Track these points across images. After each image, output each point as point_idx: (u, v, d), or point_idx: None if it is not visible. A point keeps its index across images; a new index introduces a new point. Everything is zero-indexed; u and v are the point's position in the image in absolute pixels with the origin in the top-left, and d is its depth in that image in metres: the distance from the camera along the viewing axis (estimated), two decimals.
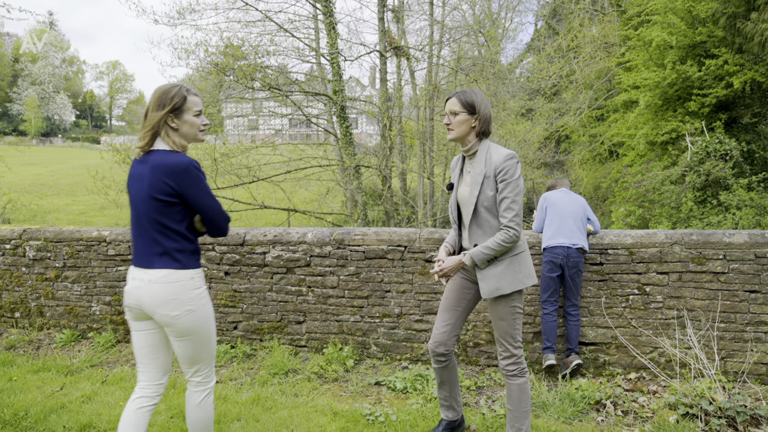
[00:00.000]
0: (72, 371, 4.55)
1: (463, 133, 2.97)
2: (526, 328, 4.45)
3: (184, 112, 2.54)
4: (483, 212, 2.90)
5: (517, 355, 2.99)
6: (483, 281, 2.93)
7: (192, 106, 2.56)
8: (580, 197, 4.55)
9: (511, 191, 2.83)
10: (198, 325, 2.57)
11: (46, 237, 5.37)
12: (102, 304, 5.26)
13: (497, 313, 2.97)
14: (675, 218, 11.63)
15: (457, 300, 3.14)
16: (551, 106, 19.81)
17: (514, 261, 2.91)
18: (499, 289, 2.88)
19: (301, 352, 4.85)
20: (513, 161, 2.87)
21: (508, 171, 2.84)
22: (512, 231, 2.82)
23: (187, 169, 2.45)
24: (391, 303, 4.67)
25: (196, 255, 2.61)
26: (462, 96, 2.94)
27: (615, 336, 4.28)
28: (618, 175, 17.36)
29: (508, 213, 2.83)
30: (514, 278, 2.90)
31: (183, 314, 2.51)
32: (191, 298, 2.53)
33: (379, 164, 12.53)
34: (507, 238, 2.83)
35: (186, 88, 2.58)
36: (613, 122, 18.69)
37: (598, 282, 4.31)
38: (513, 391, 3.01)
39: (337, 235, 4.77)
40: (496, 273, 2.89)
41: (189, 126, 2.57)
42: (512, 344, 2.98)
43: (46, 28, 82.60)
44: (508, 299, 2.93)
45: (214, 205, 2.56)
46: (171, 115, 2.52)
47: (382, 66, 13.45)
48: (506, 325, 2.97)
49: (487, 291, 2.92)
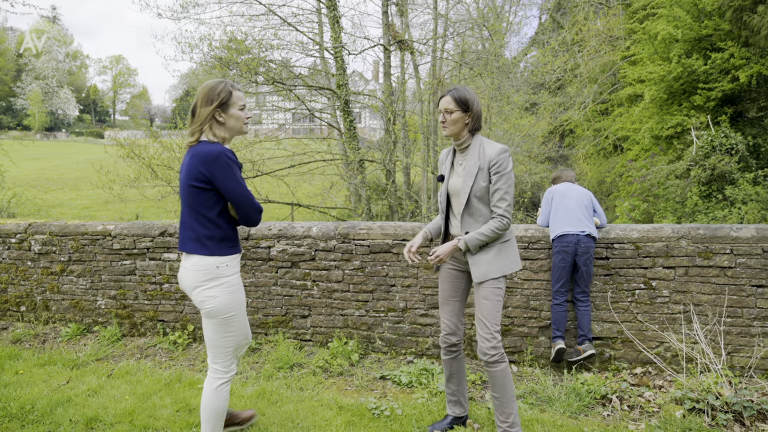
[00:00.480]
0: (78, 365, 4.56)
1: (458, 130, 3.10)
2: (531, 322, 4.44)
3: (230, 107, 2.70)
4: (475, 202, 3.04)
5: (498, 338, 3.06)
6: (474, 266, 3.06)
7: (237, 101, 2.71)
8: (585, 189, 4.54)
9: (504, 183, 2.98)
10: (219, 312, 2.69)
11: (52, 231, 5.38)
12: (107, 298, 5.27)
13: (483, 294, 3.07)
14: (680, 213, 11.58)
15: (452, 290, 3.30)
16: (555, 100, 19.74)
17: (503, 248, 3.08)
18: (490, 273, 3.03)
19: (306, 346, 4.85)
20: (506, 155, 3.02)
21: (501, 164, 2.99)
22: (506, 220, 2.98)
23: (218, 156, 2.57)
24: (396, 297, 4.66)
25: (227, 243, 2.71)
26: (456, 94, 3.07)
27: (621, 330, 4.27)
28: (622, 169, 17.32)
29: (502, 203, 2.98)
30: (503, 263, 3.06)
31: (207, 300, 2.67)
32: (217, 285, 2.67)
33: (382, 158, 12.50)
34: (500, 225, 2.98)
35: (230, 84, 2.72)
36: (618, 116, 18.63)
37: (604, 276, 4.30)
38: (497, 378, 3.06)
39: (342, 229, 4.77)
40: (486, 258, 3.04)
41: (235, 119, 2.72)
42: (494, 325, 3.06)
43: (49, 21, 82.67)
44: (495, 282, 3.05)
45: (243, 193, 2.63)
46: (218, 109, 2.67)
47: (385, 60, 13.41)
48: (491, 305, 3.06)
49: (478, 275, 3.05)
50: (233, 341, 2.81)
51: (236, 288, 2.75)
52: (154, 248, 5.12)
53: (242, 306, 2.81)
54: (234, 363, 2.86)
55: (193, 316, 5.08)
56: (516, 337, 4.46)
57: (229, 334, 2.78)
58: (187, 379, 4.18)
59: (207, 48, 12.60)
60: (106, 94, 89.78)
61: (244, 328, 2.86)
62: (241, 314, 2.81)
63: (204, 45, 12.56)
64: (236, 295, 2.74)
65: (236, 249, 2.78)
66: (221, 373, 2.82)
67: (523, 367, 4.41)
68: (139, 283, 5.17)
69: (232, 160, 2.62)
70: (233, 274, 2.73)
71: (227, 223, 2.71)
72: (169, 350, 4.90)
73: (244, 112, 2.77)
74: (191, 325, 5.07)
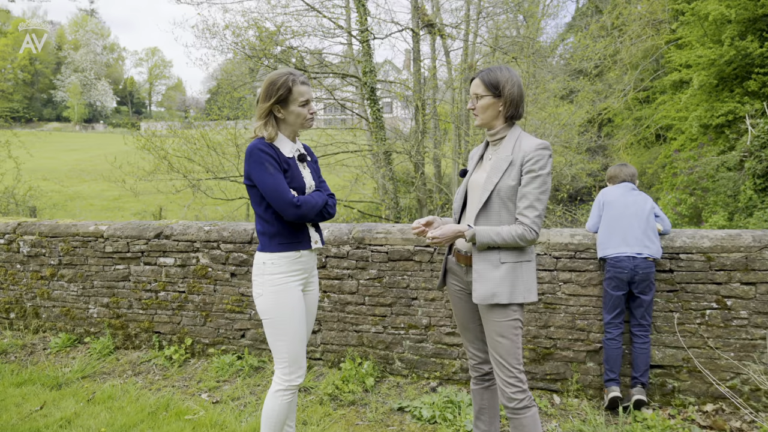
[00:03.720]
0: (60, 384, 4.06)
1: (489, 118, 2.52)
2: (577, 345, 3.75)
3: (290, 103, 2.55)
4: (496, 203, 2.43)
5: (522, 379, 2.45)
6: (478, 282, 2.43)
7: (298, 96, 2.55)
8: (645, 195, 3.73)
9: (537, 187, 2.37)
10: (264, 311, 2.58)
11: (41, 231, 4.90)
12: (100, 306, 4.78)
13: (496, 328, 2.44)
14: (732, 208, 10.81)
15: (465, 314, 2.70)
16: (593, 87, 18.75)
17: (518, 268, 2.42)
18: (496, 296, 2.39)
19: (316, 366, 4.27)
20: (545, 152, 2.41)
21: (538, 161, 2.38)
22: (533, 232, 2.36)
23: (251, 150, 2.50)
24: (419, 312, 4.03)
25: (278, 239, 2.58)
26: (486, 76, 2.49)
27: (687, 358, 3.56)
28: (666, 160, 16.53)
29: (530, 212, 2.36)
30: (513, 287, 2.41)
31: (256, 296, 2.60)
32: (261, 282, 2.57)
33: (409, 149, 11.81)
34: (524, 235, 2.36)
35: (293, 78, 2.54)
36: (661, 104, 17.72)
37: (668, 293, 3.58)
38: (527, 427, 2.44)
39: (356, 233, 4.15)
40: (495, 276, 2.40)
41: (295, 116, 2.58)
42: (516, 366, 2.44)
43: (87, 15, 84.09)
44: (506, 310, 2.42)
45: (273, 186, 2.48)
46: (277, 105, 2.55)
47: (414, 45, 12.67)
48: (509, 344, 2.43)
49: (481, 295, 2.41)
50: (285, 348, 2.58)
51: (281, 289, 2.56)
52: (149, 252, 4.59)
53: (291, 311, 2.58)
54: (296, 374, 2.61)
55: (192, 328, 4.54)
56: (558, 362, 3.79)
57: (280, 339, 2.58)
58: (175, 408, 3.63)
59: (230, 35, 12.10)
60: (142, 86, 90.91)
61: (297, 336, 2.60)
62: (291, 319, 2.58)
63: (228, 33, 12.05)
64: (280, 296, 2.56)
65: (289, 247, 2.59)
66: (280, 380, 2.60)
67: (567, 399, 3.74)
68: (133, 291, 4.66)
69: (266, 153, 2.49)
70: (278, 273, 2.56)
71: (277, 220, 2.57)
72: (164, 367, 4.38)
73: (308, 107, 2.61)
74: (189, 338, 4.54)
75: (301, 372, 2.62)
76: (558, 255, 3.74)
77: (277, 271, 2.55)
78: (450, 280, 2.71)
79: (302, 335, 2.61)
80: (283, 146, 2.59)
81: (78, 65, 77.88)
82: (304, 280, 2.67)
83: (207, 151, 11.62)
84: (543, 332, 3.79)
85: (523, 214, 2.36)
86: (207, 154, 11.65)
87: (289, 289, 2.58)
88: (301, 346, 2.61)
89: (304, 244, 2.63)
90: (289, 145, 2.63)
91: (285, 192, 2.48)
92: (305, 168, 2.68)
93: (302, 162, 2.67)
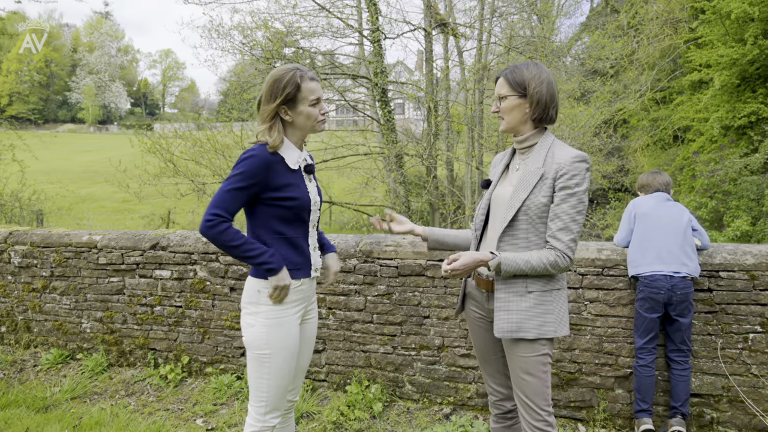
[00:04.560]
0: (47, 406, 3.80)
1: (516, 122, 2.19)
2: (605, 370, 3.43)
3: (298, 103, 2.20)
4: (524, 223, 2.11)
5: (552, 423, 2.16)
6: (501, 314, 2.11)
7: (308, 95, 2.19)
8: (681, 207, 3.38)
9: (573, 206, 2.05)
10: (252, 345, 2.23)
11: (33, 241, 4.66)
12: (93, 320, 4.52)
13: (521, 364, 2.13)
14: (755, 212, 10.44)
15: (486, 346, 2.39)
16: (608, 88, 18.35)
17: (548, 298, 2.13)
18: (521, 330, 2.09)
19: (320, 388, 3.97)
20: (583, 166, 2.08)
21: (574, 177, 2.05)
22: (567, 259, 2.06)
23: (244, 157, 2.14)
24: (431, 332, 3.73)
25: None
26: (510, 74, 2.18)
27: (728, 386, 3.22)
28: (684, 162, 16.18)
29: (564, 235, 2.05)
30: (542, 320, 2.10)
31: (244, 326, 2.26)
32: (254, 312, 2.23)
33: (421, 152, 11.49)
34: (557, 262, 2.05)
35: (301, 73, 2.19)
36: (679, 105, 17.33)
37: (706, 315, 3.25)
38: None
39: (364, 245, 3.86)
40: (520, 307, 2.10)
41: (305, 118, 2.23)
42: (545, 408, 2.15)
43: (101, 17, 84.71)
44: (534, 345, 2.12)
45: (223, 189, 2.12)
46: (284, 106, 2.20)
47: (427, 45, 12.36)
48: (536, 383, 2.13)
49: (504, 328, 2.10)
50: (268, 387, 2.24)
51: (276, 323, 2.22)
52: (144, 264, 4.33)
53: (284, 348, 2.24)
54: (272, 415, 2.27)
55: (189, 345, 4.27)
56: (584, 388, 3.47)
57: (264, 377, 2.24)
58: None
59: (239, 35, 11.86)
60: (155, 88, 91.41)
61: (284, 377, 2.27)
62: (283, 358, 2.24)
63: (235, 33, 11.80)
64: (274, 331, 2.21)
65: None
66: (254, 419, 2.27)
67: (594, 428, 3.41)
68: (128, 305, 4.40)
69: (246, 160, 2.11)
70: (274, 305, 2.22)
71: (276, 240, 2.22)
72: (159, 387, 4.11)
73: (319, 107, 2.25)
74: (186, 356, 4.26)
75: (278, 413, 2.29)
76: (584, 271, 3.42)
77: (271, 303, 2.22)
78: (469, 305, 2.40)
79: (290, 375, 2.30)
80: (288, 155, 2.23)
81: (93, 67, 78.48)
82: (302, 310, 2.35)
83: (215, 153, 11.39)
84: (567, 355, 3.47)
85: (556, 237, 2.05)
86: (215, 156, 11.42)
87: (286, 324, 2.24)
88: (287, 386, 2.29)
89: (305, 271, 2.30)
90: (295, 154, 2.26)
91: (215, 204, 2.09)
92: (311, 181, 2.35)
93: (309, 173, 2.33)
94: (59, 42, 79.12)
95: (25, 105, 71.52)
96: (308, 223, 2.31)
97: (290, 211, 2.21)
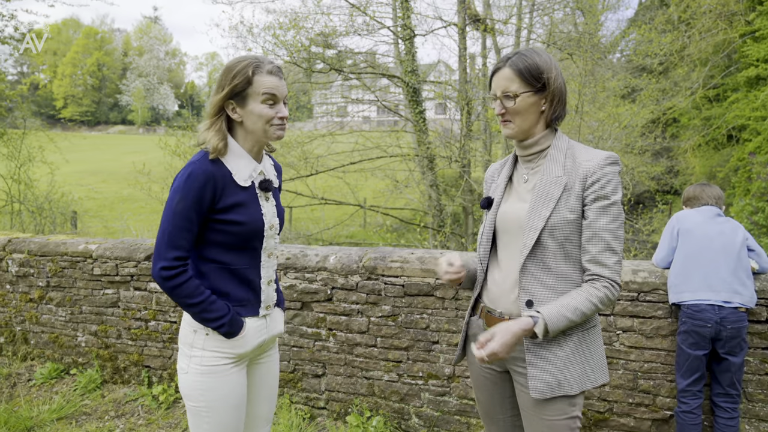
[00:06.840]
0: (30, 427, 3.56)
1: (529, 124, 1.73)
2: (640, 411, 2.94)
3: (249, 98, 1.75)
4: (551, 246, 1.66)
5: None
6: (537, 367, 1.66)
7: (260, 88, 1.74)
8: (736, 224, 2.84)
9: (612, 220, 1.62)
10: (185, 394, 1.83)
11: (30, 250, 4.45)
12: (88, 334, 4.28)
13: (548, 423, 1.67)
14: None
15: (492, 403, 1.93)
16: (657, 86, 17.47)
17: (586, 339, 1.71)
18: (563, 385, 1.65)
19: (319, 417, 3.61)
20: (616, 169, 1.66)
21: (609, 183, 1.63)
22: (616, 287, 1.64)
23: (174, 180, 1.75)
24: (440, 359, 3.32)
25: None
26: (521, 63, 1.69)
27: None
28: (739, 163, 15.36)
29: (609, 258, 1.62)
30: (584, 368, 1.68)
31: (178, 370, 1.86)
32: (188, 355, 1.82)
33: (452, 154, 11.02)
34: (607, 297, 1.62)
35: (257, 63, 1.75)
36: (734, 102, 16.44)
37: (763, 351, 2.74)
38: None
39: (367, 261, 3.47)
40: (559, 357, 1.66)
41: (256, 118, 1.76)
42: None
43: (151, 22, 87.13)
44: (570, 401, 1.68)
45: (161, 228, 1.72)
46: (231, 101, 1.77)
47: (460, 42, 11.88)
48: None
49: (542, 386, 1.64)
50: None
51: (212, 370, 1.79)
52: (138, 275, 4.05)
53: (223, 399, 1.81)
54: None
55: None
56: (615, 431, 2.99)
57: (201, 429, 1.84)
58: None
59: (271, 37, 11.65)
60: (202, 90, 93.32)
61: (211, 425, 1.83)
62: (224, 412, 1.81)
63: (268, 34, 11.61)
64: (210, 381, 1.79)
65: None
66: None
67: None
68: (122, 318, 4.13)
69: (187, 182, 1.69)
70: (210, 351, 1.79)
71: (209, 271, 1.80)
72: (150, 408, 3.82)
73: (276, 108, 1.77)
74: None
75: None
76: None
77: (210, 348, 1.80)
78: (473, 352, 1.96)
79: (236, 429, 1.87)
80: (238, 167, 1.80)
81: (142, 70, 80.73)
82: (248, 358, 1.93)
83: None
84: (596, 392, 3.01)
85: (599, 261, 1.62)
86: None
87: (224, 373, 1.82)
88: None
89: (251, 309, 1.87)
90: (248, 166, 1.82)
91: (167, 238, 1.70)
92: (268, 200, 1.89)
93: (266, 191, 1.87)
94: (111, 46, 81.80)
95: (79, 107, 74.10)
96: (260, 251, 1.89)
97: (236, 237, 1.78)
